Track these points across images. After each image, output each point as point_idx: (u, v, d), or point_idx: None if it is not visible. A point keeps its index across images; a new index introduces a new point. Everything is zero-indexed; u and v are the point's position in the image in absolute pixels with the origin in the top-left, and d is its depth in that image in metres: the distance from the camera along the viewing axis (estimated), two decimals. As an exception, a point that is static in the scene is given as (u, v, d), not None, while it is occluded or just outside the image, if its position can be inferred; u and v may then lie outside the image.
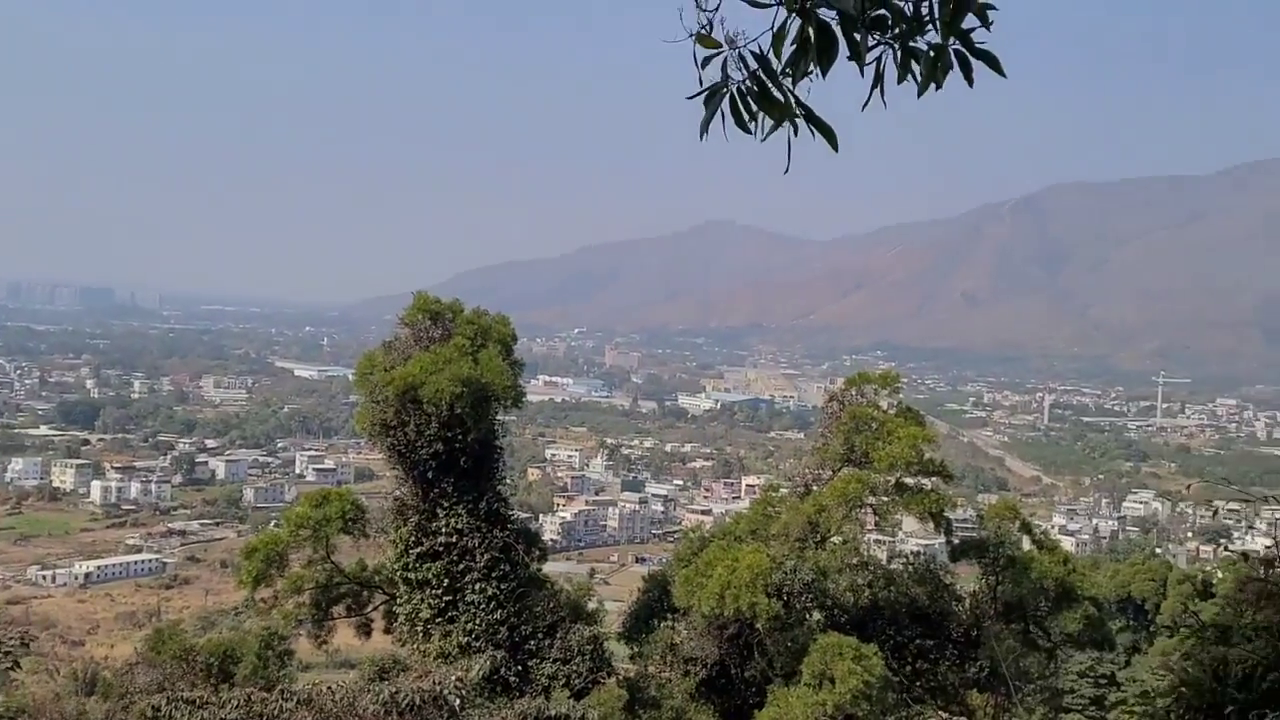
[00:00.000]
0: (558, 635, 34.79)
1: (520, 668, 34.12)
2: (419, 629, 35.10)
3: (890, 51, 5.73)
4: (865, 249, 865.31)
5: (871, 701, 31.57)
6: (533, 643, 34.54)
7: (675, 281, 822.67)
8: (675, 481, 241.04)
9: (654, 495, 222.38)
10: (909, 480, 37.46)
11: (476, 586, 34.56)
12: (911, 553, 45.02)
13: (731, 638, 35.28)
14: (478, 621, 34.34)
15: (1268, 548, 6.66)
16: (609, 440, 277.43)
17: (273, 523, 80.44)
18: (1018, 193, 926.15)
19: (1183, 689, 6.22)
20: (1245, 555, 7.12)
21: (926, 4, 5.66)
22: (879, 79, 5.77)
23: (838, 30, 5.58)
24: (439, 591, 34.74)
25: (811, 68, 5.71)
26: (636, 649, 38.84)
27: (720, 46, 5.60)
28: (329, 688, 21.31)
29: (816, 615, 36.60)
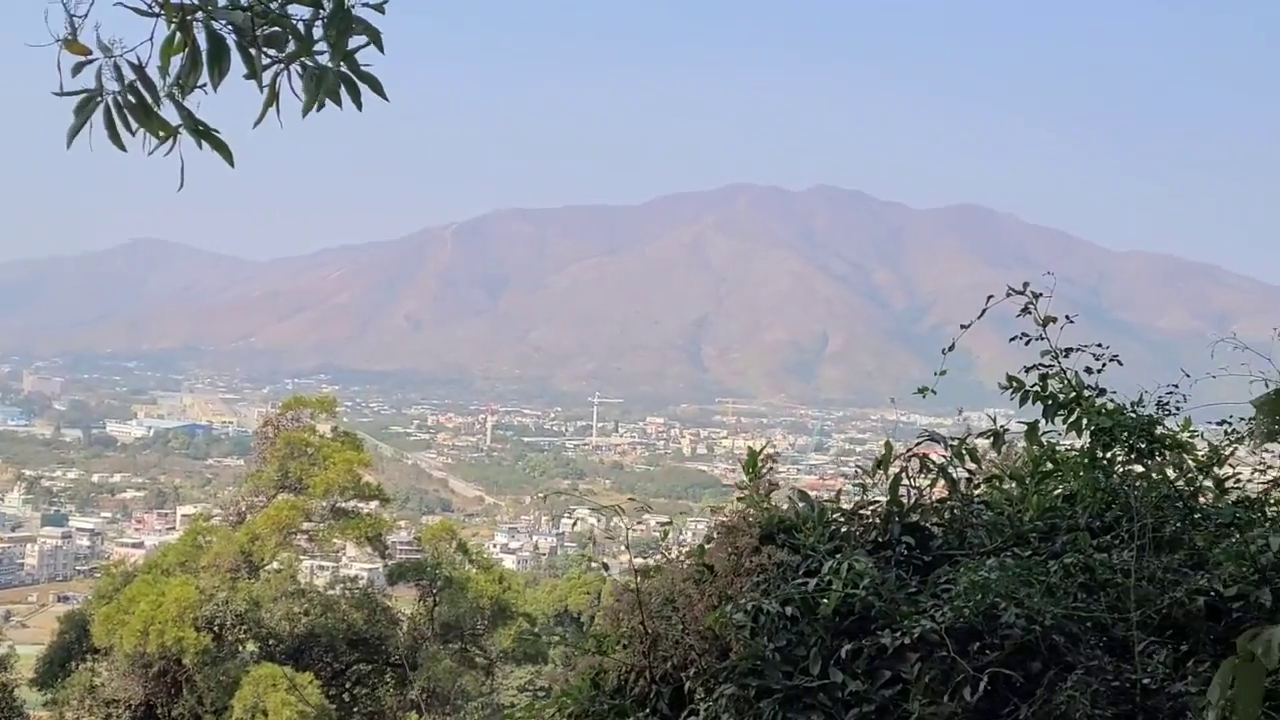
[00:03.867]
0: (-41, 689, 31.85)
1: (-89, 728, 30.96)
2: None
3: (285, 70, 5.61)
4: (306, 270, 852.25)
5: (307, 731, 31.13)
6: (-74, 699, 31.42)
7: (102, 301, 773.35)
8: (104, 514, 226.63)
9: (79, 529, 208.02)
10: (346, 505, 37.45)
11: None
12: (351, 578, 44.88)
13: (158, 676, 33.69)
14: None
15: (638, 558, 7.10)
16: (27, 472, 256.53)
17: None
18: (459, 217, 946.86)
19: (564, 698, 6.53)
20: (605, 566, 7.61)
21: (319, 23, 5.57)
22: (275, 97, 5.63)
23: (231, 44, 5.38)
24: None
25: (204, 81, 5.48)
26: (52, 695, 36.36)
27: (90, 53, 5.23)
28: None
29: (251, 647, 35.76)
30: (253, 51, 5.41)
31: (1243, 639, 3.12)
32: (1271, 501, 7.94)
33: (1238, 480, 8.18)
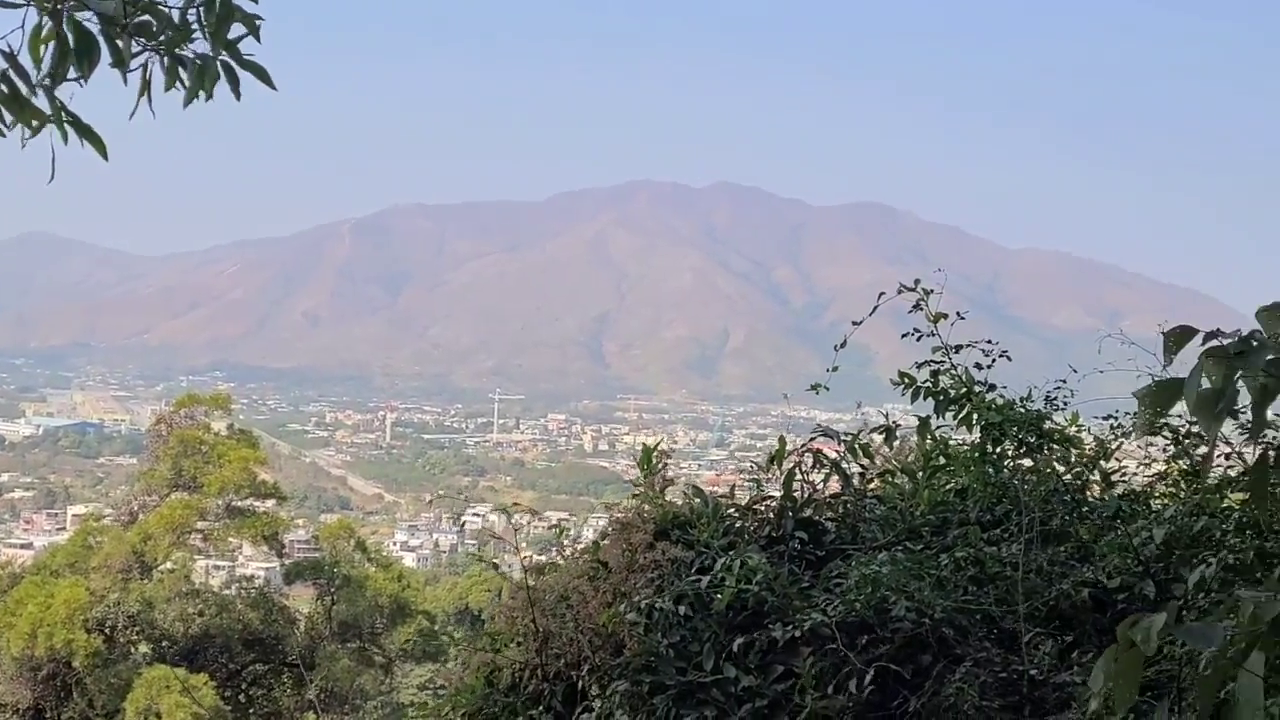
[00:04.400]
0: None
1: None
2: None
3: (157, 59, 5.46)
4: (201, 266, 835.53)
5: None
6: None
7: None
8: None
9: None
10: (242, 504, 36.95)
11: None
12: (247, 577, 44.29)
13: (47, 679, 32.97)
14: None
15: (539, 556, 7.05)
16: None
17: None
18: (357, 213, 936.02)
19: (458, 696, 6.46)
20: (495, 565, 7.55)
21: (194, 11, 5.43)
22: (146, 87, 5.48)
23: (99, 34, 5.23)
24: None
25: (73, 72, 5.32)
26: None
27: (-52, 42, 5.07)
28: None
29: (143, 648, 35.17)
30: (119, 42, 5.27)
31: (1123, 627, 3.16)
32: (1155, 495, 8.08)
33: (1124, 474, 8.33)
